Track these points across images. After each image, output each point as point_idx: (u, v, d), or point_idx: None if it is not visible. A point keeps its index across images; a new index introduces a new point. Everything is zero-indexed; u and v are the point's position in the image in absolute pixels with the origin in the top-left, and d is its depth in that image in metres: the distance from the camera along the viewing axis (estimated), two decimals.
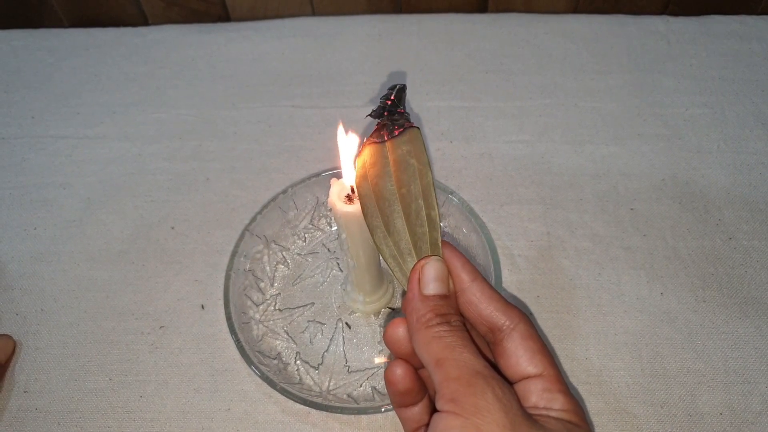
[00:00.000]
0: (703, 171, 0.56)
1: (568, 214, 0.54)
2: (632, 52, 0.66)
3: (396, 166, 0.34)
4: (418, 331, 0.30)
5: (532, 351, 0.30)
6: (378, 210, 0.34)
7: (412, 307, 0.31)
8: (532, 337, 0.30)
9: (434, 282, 0.31)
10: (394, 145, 0.35)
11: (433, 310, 0.30)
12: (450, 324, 0.30)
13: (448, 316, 0.30)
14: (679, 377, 0.45)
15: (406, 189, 0.33)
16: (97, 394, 0.47)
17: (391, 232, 0.33)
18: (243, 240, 0.50)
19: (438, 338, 0.29)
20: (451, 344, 0.29)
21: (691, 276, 0.50)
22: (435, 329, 0.29)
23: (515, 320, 0.30)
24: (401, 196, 0.33)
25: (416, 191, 0.33)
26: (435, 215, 0.33)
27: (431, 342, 0.29)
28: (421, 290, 0.31)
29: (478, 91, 0.64)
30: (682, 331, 0.47)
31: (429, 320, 0.30)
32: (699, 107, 0.61)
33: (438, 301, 0.30)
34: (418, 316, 0.30)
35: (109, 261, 0.54)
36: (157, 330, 0.50)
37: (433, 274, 0.31)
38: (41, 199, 0.59)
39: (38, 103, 0.68)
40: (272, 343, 0.48)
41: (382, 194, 0.34)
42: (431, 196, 0.33)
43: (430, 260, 0.32)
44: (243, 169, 0.60)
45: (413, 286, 0.31)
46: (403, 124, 0.35)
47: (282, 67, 0.68)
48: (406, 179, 0.33)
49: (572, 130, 0.60)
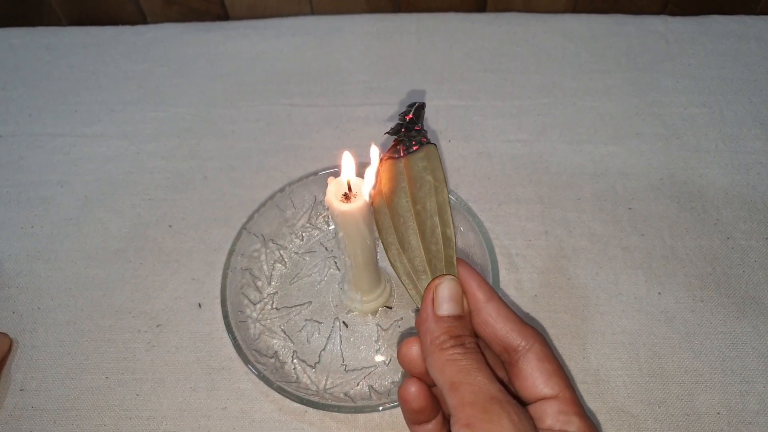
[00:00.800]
0: (701, 171, 0.56)
1: (567, 213, 0.54)
2: (631, 51, 0.66)
3: (411, 183, 0.34)
4: (432, 353, 0.30)
5: (548, 372, 0.30)
6: (393, 226, 0.34)
7: (425, 327, 0.31)
8: (548, 358, 0.30)
9: (448, 302, 0.31)
10: (411, 162, 0.34)
11: (447, 332, 0.30)
12: (464, 346, 0.29)
13: (463, 338, 0.30)
14: (676, 377, 0.45)
15: (421, 206, 0.33)
16: (94, 392, 0.47)
17: (405, 249, 0.33)
18: (240, 238, 0.50)
19: (452, 361, 0.29)
20: (465, 367, 0.28)
21: (689, 276, 0.50)
22: (449, 352, 0.29)
23: (531, 341, 0.30)
24: (416, 212, 0.33)
25: (432, 208, 0.33)
26: (450, 233, 0.33)
27: (445, 365, 0.29)
28: (435, 310, 0.31)
29: (477, 90, 0.64)
30: (680, 330, 0.47)
31: (443, 342, 0.30)
32: (697, 107, 0.61)
33: (452, 322, 0.30)
34: (432, 337, 0.30)
35: (106, 259, 0.54)
36: (154, 328, 0.50)
37: (447, 294, 0.31)
38: (38, 197, 0.59)
39: (36, 100, 0.67)
40: (269, 342, 0.48)
41: (397, 210, 0.34)
42: (447, 213, 0.33)
43: (444, 279, 0.32)
44: (241, 167, 0.60)
45: (427, 306, 0.31)
46: (420, 140, 0.35)
47: (280, 66, 0.68)
48: (422, 196, 0.33)
49: (571, 129, 0.60)
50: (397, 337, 0.48)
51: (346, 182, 0.39)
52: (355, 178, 0.39)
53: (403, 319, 0.49)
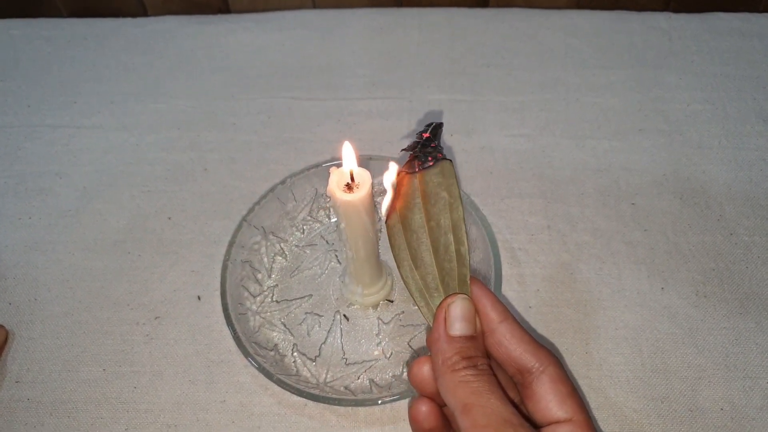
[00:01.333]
0: (704, 167, 0.56)
1: (569, 208, 0.54)
2: (634, 47, 0.66)
3: (426, 199, 0.33)
4: (444, 374, 0.29)
5: (562, 395, 0.29)
6: (406, 242, 0.33)
7: (437, 347, 0.30)
8: (562, 380, 0.30)
9: (461, 322, 0.30)
10: (425, 177, 0.34)
11: (459, 353, 0.29)
12: (477, 368, 0.29)
13: (475, 359, 0.29)
14: (679, 372, 0.45)
15: (435, 222, 0.33)
16: (91, 384, 0.46)
17: (418, 265, 0.33)
18: (241, 230, 0.49)
19: (465, 383, 0.28)
20: (478, 389, 0.28)
21: (692, 271, 0.49)
22: (461, 373, 0.29)
23: (545, 363, 0.30)
24: (430, 228, 0.33)
25: (446, 225, 0.33)
26: (464, 251, 0.32)
27: (457, 386, 0.28)
28: (447, 330, 0.30)
29: (479, 84, 0.64)
30: (683, 326, 0.47)
31: (455, 363, 0.29)
32: (700, 103, 0.60)
33: (464, 343, 0.30)
34: (444, 358, 0.29)
35: (104, 251, 0.54)
36: (153, 321, 0.49)
37: (459, 313, 0.31)
38: (36, 188, 0.59)
39: (35, 92, 0.67)
40: (269, 335, 0.47)
41: (411, 226, 0.33)
42: (461, 230, 0.32)
43: (456, 299, 0.31)
44: (241, 160, 0.59)
45: (439, 325, 0.31)
46: (436, 156, 0.34)
47: (282, 59, 0.68)
48: (436, 212, 0.33)
49: (574, 124, 0.60)
50: (398, 331, 0.47)
51: (348, 172, 0.38)
52: (358, 169, 0.39)
53: (404, 312, 0.48)
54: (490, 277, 0.45)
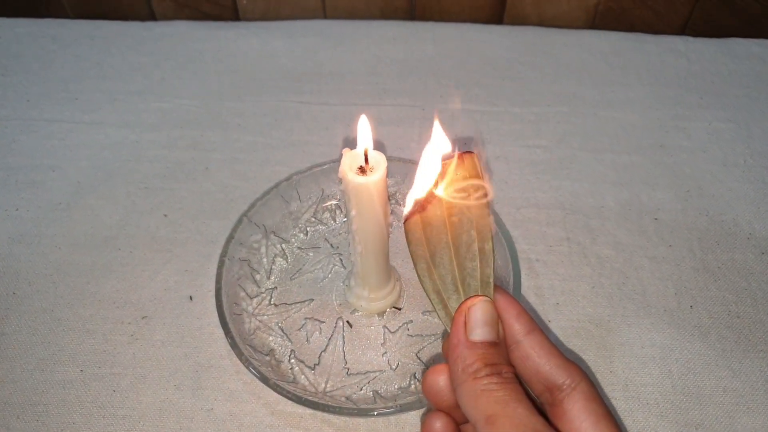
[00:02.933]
0: (730, 184, 0.53)
1: (589, 220, 0.51)
2: (652, 67, 0.64)
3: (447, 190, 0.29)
4: (464, 382, 0.26)
5: (596, 415, 0.26)
6: (424, 237, 0.29)
7: (456, 354, 0.27)
8: (596, 398, 0.26)
9: (482, 327, 0.27)
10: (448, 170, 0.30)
11: (481, 359, 0.26)
12: (501, 375, 0.26)
13: (499, 367, 0.26)
14: (714, 397, 0.41)
15: (457, 217, 0.29)
16: (66, 386, 0.42)
17: (436, 264, 0.29)
18: (240, 226, 0.46)
19: (488, 391, 0.25)
20: (503, 398, 0.25)
21: (722, 290, 0.46)
22: (484, 381, 0.26)
23: (577, 378, 0.27)
24: (451, 224, 0.29)
25: (468, 221, 0.29)
26: (489, 249, 0.29)
27: (480, 396, 0.25)
28: (468, 335, 0.27)
29: (494, 96, 0.62)
30: (716, 347, 0.43)
31: (477, 371, 0.26)
32: (723, 122, 0.58)
33: (487, 349, 0.27)
34: (465, 365, 0.26)
35: (93, 246, 0.50)
36: (139, 320, 0.46)
37: (480, 317, 0.28)
38: (27, 180, 0.56)
39: (36, 87, 0.65)
40: (265, 339, 0.43)
41: (430, 220, 0.29)
42: (486, 228, 0.29)
43: (477, 301, 0.28)
44: (245, 160, 0.57)
45: (458, 330, 0.28)
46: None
47: (292, 65, 0.66)
48: (459, 207, 0.29)
49: (591, 138, 0.57)
50: (406, 341, 0.44)
51: (362, 153, 0.35)
52: (373, 152, 0.36)
53: (413, 322, 0.45)
54: (508, 281, 0.42)
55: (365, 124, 0.35)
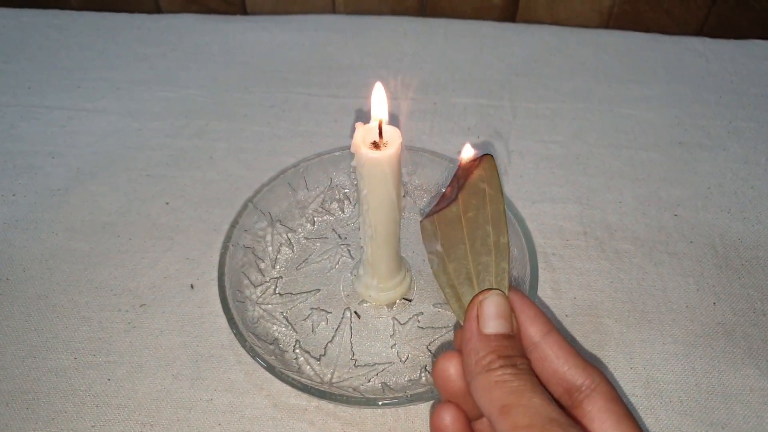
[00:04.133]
0: (752, 182, 0.51)
1: (607, 215, 0.49)
2: (669, 65, 0.63)
3: (464, 189, 0.29)
4: (478, 374, 0.25)
5: (618, 416, 0.25)
6: (439, 233, 0.29)
7: (470, 347, 0.26)
8: (616, 399, 0.25)
9: (495, 319, 0.27)
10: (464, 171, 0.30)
11: (494, 351, 0.25)
12: (516, 367, 0.25)
13: (513, 359, 0.25)
14: (741, 395, 0.39)
15: (473, 213, 0.29)
16: (58, 373, 0.40)
17: (451, 257, 0.29)
18: (245, 212, 0.44)
19: (502, 382, 0.24)
20: (518, 388, 0.24)
21: (746, 287, 0.44)
22: (498, 372, 0.25)
23: (596, 379, 0.26)
24: (467, 220, 0.29)
25: (484, 217, 0.29)
26: (505, 242, 0.29)
27: (494, 387, 0.24)
28: (481, 328, 0.26)
29: (508, 91, 0.60)
30: (741, 345, 0.41)
31: (490, 362, 0.25)
32: (743, 121, 0.57)
33: (500, 341, 0.26)
34: (478, 358, 0.26)
35: (92, 232, 0.49)
36: (137, 308, 0.44)
37: (494, 310, 0.27)
38: (26, 165, 0.54)
39: (38, 75, 0.63)
40: (269, 328, 0.41)
41: (445, 216, 0.29)
42: (501, 222, 0.29)
43: (489, 294, 0.27)
44: (251, 150, 0.55)
45: (471, 323, 0.27)
46: None
47: (301, 57, 0.65)
48: (475, 204, 0.29)
49: (608, 134, 0.56)
50: (416, 333, 0.42)
51: (377, 127, 0.34)
52: (388, 126, 0.34)
53: (423, 314, 0.43)
54: (525, 275, 0.40)
55: (381, 93, 0.33)
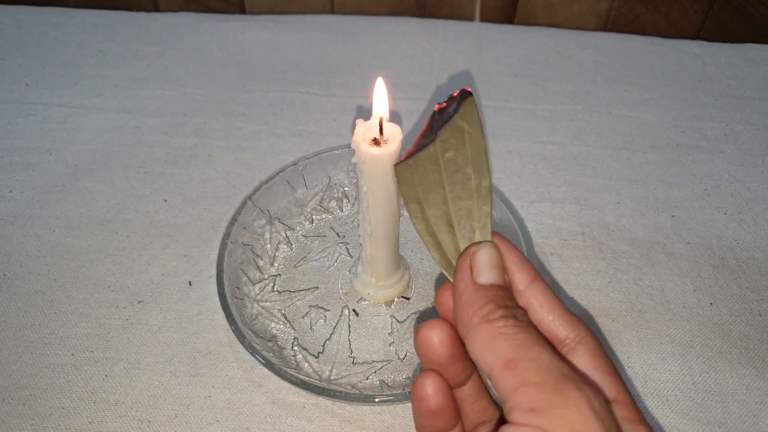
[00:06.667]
0: (748, 184, 0.52)
1: (605, 215, 0.49)
2: (666, 68, 0.63)
3: (442, 129, 0.27)
4: (477, 326, 0.23)
5: (604, 371, 0.24)
6: (415, 177, 0.27)
7: (464, 299, 0.24)
8: (601, 354, 0.24)
9: (489, 270, 0.25)
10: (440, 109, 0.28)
11: (493, 301, 0.24)
12: (517, 318, 0.23)
13: (513, 309, 0.24)
14: (737, 395, 0.39)
15: (452, 154, 0.26)
16: (55, 369, 0.40)
17: (429, 203, 0.27)
18: (244, 209, 0.44)
19: (505, 335, 0.23)
20: (525, 341, 0.22)
21: (743, 288, 0.44)
22: (499, 323, 0.23)
23: (582, 332, 0.25)
24: (445, 161, 0.26)
25: (464, 158, 0.26)
26: (487, 184, 0.26)
27: (496, 339, 0.22)
28: (475, 279, 0.25)
29: (507, 92, 0.60)
30: (738, 345, 0.41)
31: (490, 312, 0.23)
32: (740, 123, 0.57)
33: (497, 292, 0.24)
34: (475, 309, 0.24)
35: (89, 229, 0.48)
36: (135, 304, 0.44)
37: (487, 261, 0.25)
38: (23, 162, 0.54)
39: (35, 71, 0.63)
40: (267, 325, 0.41)
41: (421, 159, 0.27)
42: (483, 164, 0.26)
43: (483, 245, 0.26)
44: (249, 148, 0.55)
45: (464, 274, 0.25)
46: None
47: (300, 57, 0.65)
48: (454, 143, 0.26)
49: (606, 136, 0.56)
50: (414, 332, 0.42)
51: (377, 123, 0.34)
52: (388, 123, 0.34)
53: (422, 312, 0.43)
54: None
55: (382, 89, 0.33)
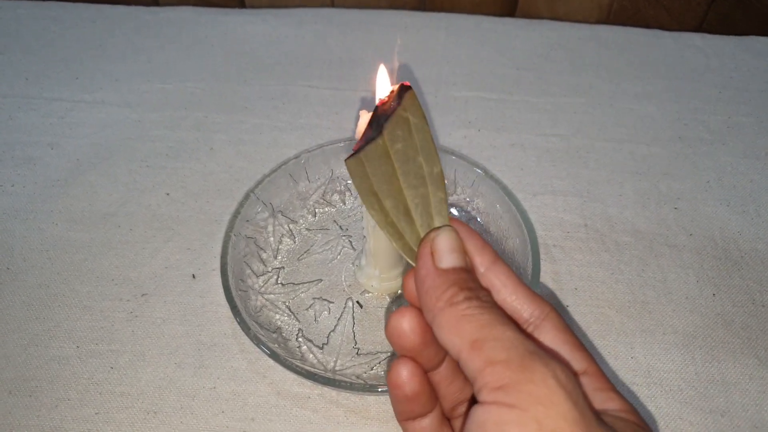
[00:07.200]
0: (751, 176, 0.52)
1: (607, 208, 0.49)
2: (669, 61, 0.63)
3: (387, 122, 0.28)
4: (442, 311, 0.23)
5: (570, 345, 0.24)
6: (368, 171, 0.28)
7: (428, 285, 0.24)
8: (566, 329, 0.25)
9: (450, 254, 0.25)
10: (384, 105, 0.29)
11: (456, 284, 0.24)
12: (480, 299, 0.23)
13: (476, 291, 0.24)
14: (740, 384, 0.39)
15: (401, 145, 0.27)
16: (61, 362, 0.40)
17: (385, 194, 0.27)
18: (247, 202, 0.44)
19: (469, 316, 0.23)
20: (489, 321, 0.22)
21: (746, 279, 0.44)
22: (462, 306, 0.23)
23: (545, 309, 0.25)
24: (395, 153, 0.27)
25: (413, 148, 0.27)
26: (438, 172, 0.27)
27: (461, 321, 0.22)
28: (436, 264, 0.25)
29: (509, 85, 0.60)
30: (740, 335, 0.41)
31: (453, 296, 0.23)
32: (743, 116, 0.57)
33: (459, 275, 0.24)
34: (439, 293, 0.24)
35: (92, 223, 0.48)
36: (139, 297, 0.44)
37: (447, 245, 0.25)
38: (24, 156, 0.54)
39: (35, 66, 0.63)
40: (271, 317, 0.41)
41: (372, 150, 0.28)
42: (432, 152, 0.27)
43: (440, 230, 0.26)
44: (251, 142, 0.55)
45: (425, 260, 0.25)
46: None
47: (300, 50, 0.65)
48: (401, 135, 0.27)
49: (609, 129, 0.56)
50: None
51: None
52: None
53: None
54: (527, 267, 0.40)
55: (385, 77, 0.33)
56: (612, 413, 0.22)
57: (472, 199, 0.47)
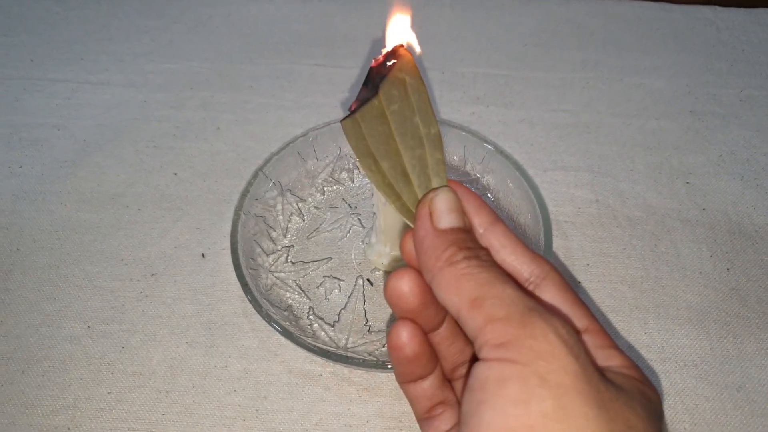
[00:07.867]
0: (764, 149, 0.51)
1: (618, 183, 0.49)
2: (679, 34, 0.62)
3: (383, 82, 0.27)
4: (441, 270, 0.23)
5: (571, 303, 0.24)
6: (364, 132, 0.27)
7: (426, 245, 0.24)
8: (566, 287, 0.24)
9: (449, 214, 0.25)
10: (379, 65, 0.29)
11: (454, 244, 0.24)
12: (480, 258, 0.23)
13: (475, 250, 0.24)
14: (756, 359, 0.39)
15: (397, 105, 0.27)
16: (72, 342, 0.40)
17: (382, 155, 0.27)
18: (256, 180, 0.44)
19: (469, 275, 0.22)
20: (488, 280, 0.22)
21: (760, 253, 0.44)
22: (462, 265, 0.23)
23: (545, 268, 0.24)
24: (392, 113, 0.27)
25: (410, 108, 0.27)
26: (435, 132, 0.27)
27: (460, 280, 0.22)
28: (435, 224, 0.25)
29: (517, 61, 0.60)
30: (755, 309, 0.41)
31: (452, 255, 0.23)
32: (756, 89, 0.56)
33: (458, 235, 0.24)
34: (438, 253, 0.24)
35: (100, 203, 0.48)
36: (149, 277, 0.43)
37: (445, 205, 0.25)
38: (31, 138, 0.53)
39: (40, 48, 0.62)
40: (282, 295, 0.41)
41: (368, 111, 0.27)
42: (428, 112, 0.27)
43: (440, 190, 0.26)
44: (258, 121, 0.54)
45: (424, 221, 0.25)
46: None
47: (305, 28, 0.64)
48: (397, 95, 0.27)
49: (618, 103, 0.55)
50: None
51: None
52: None
53: None
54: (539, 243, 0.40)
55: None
56: (614, 369, 0.22)
57: (483, 176, 0.47)
